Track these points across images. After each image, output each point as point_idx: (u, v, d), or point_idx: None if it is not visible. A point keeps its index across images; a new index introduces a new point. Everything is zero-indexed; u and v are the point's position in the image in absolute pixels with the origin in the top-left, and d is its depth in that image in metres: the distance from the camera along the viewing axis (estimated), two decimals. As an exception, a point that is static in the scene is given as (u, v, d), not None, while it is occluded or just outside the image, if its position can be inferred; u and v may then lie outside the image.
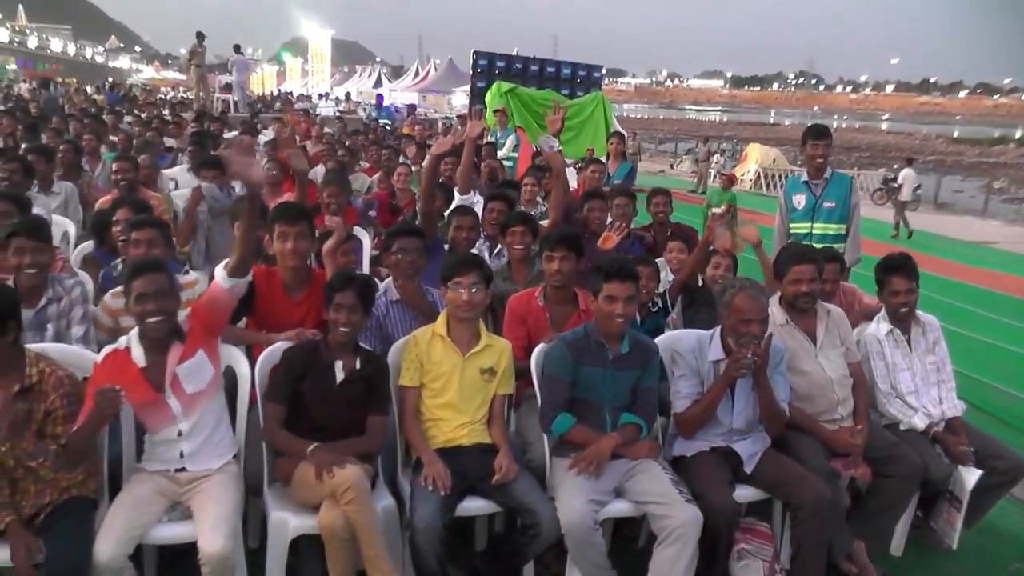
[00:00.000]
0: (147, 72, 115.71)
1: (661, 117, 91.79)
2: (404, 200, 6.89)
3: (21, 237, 3.52)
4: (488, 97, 17.47)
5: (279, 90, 42.05)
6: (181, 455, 3.18)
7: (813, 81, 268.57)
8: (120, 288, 3.73)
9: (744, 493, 3.60)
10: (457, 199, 5.65)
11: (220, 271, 3.13)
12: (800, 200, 5.82)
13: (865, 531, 3.89)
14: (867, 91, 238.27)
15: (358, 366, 3.34)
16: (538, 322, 3.98)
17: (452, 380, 3.49)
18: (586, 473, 3.30)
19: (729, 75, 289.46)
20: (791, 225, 5.87)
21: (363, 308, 3.37)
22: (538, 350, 3.70)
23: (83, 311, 3.64)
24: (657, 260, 4.99)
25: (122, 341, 3.16)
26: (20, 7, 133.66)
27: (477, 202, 5.68)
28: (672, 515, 3.23)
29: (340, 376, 3.30)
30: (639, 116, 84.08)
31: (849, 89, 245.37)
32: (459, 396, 3.49)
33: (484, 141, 11.01)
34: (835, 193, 5.71)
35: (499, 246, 5.09)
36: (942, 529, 4.09)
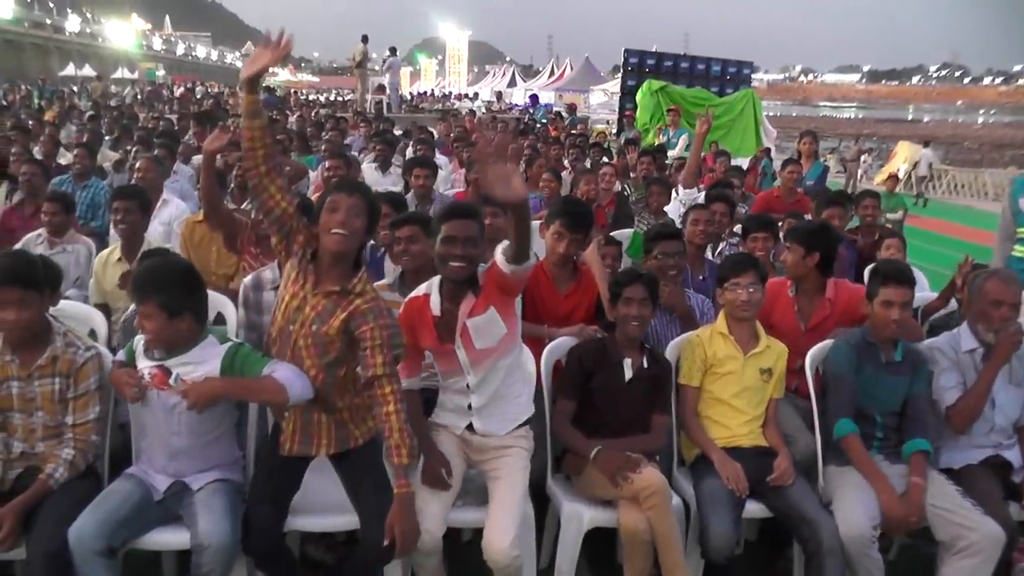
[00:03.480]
0: (283, 75, 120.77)
1: (794, 115, 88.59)
2: (606, 200, 6.93)
3: None
4: (639, 95, 17.37)
5: (428, 90, 42.75)
6: (469, 407, 3.19)
7: (957, 73, 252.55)
8: (385, 281, 3.91)
9: (1017, 509, 3.40)
10: (682, 195, 5.72)
11: (499, 255, 2.92)
12: (1029, 204, 5.49)
13: None
14: (1021, 82, 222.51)
15: (645, 364, 3.38)
16: (785, 312, 3.98)
17: (733, 379, 3.49)
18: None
19: (866, 69, 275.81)
20: (1019, 230, 5.55)
21: (652, 302, 3.41)
22: (815, 349, 3.67)
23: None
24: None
25: (421, 288, 3.20)
26: (167, 17, 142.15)
27: (698, 198, 5.68)
28: (970, 527, 3.12)
29: (629, 374, 3.35)
30: (771, 114, 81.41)
31: (999, 81, 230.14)
32: (739, 396, 3.50)
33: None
34: (1072, 194, 5.34)
35: (720, 246, 5.12)
36: None
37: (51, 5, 77.08)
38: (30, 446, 2.99)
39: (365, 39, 19.59)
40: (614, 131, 19.86)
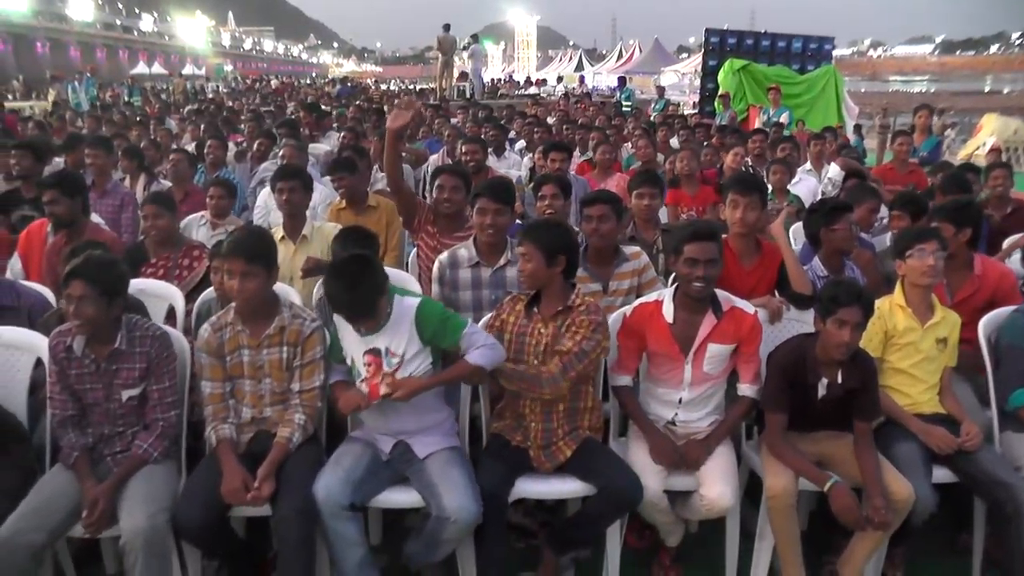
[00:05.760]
0: (348, 66, 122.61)
1: (863, 91, 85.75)
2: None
3: (485, 198, 3.84)
4: (721, 75, 17.23)
5: (495, 77, 42.77)
6: (676, 414, 3.43)
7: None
8: None
9: None
10: (833, 171, 5.91)
11: (748, 390, 3.43)
12: None
13: None
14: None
15: (840, 379, 3.24)
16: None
17: (912, 350, 3.53)
18: None
19: (939, 40, 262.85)
20: None
21: (864, 326, 3.18)
22: (988, 318, 3.69)
23: None
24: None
25: (652, 296, 3.47)
26: (230, 13, 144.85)
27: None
28: None
29: (821, 393, 3.28)
30: (838, 91, 78.67)
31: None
32: (918, 366, 3.53)
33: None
34: None
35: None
36: None
37: (120, 6, 79.27)
38: (259, 411, 3.20)
39: (447, 27, 19.76)
40: (684, 112, 19.69)
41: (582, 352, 3.11)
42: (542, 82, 36.10)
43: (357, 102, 17.38)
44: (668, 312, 3.35)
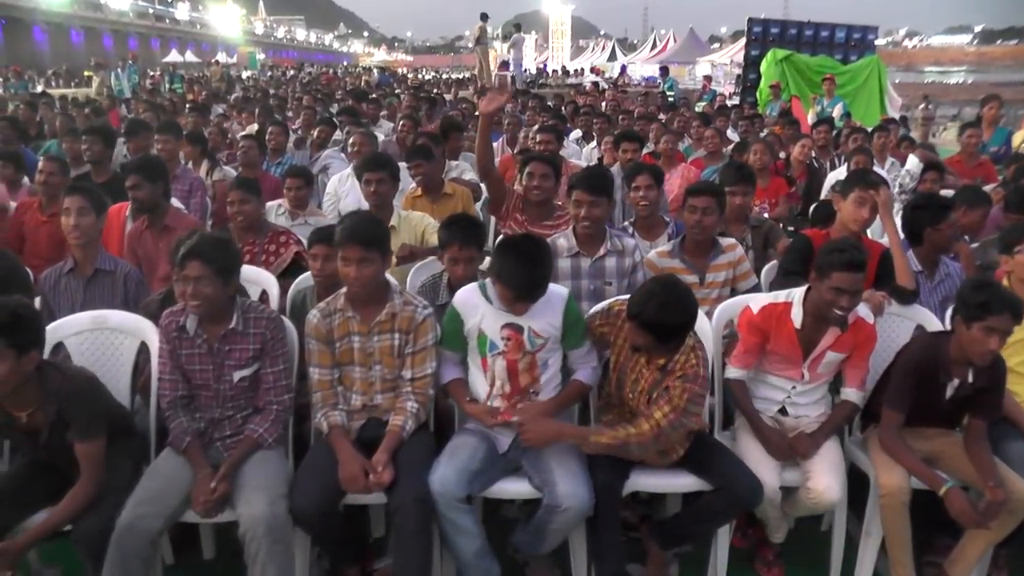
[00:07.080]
0: (379, 55, 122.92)
1: (897, 81, 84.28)
2: (798, 171, 6.91)
3: (579, 190, 3.79)
4: (764, 66, 17.03)
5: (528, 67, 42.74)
6: (788, 398, 3.42)
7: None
8: (665, 248, 4.04)
9: None
10: (911, 163, 5.77)
11: (853, 396, 3.41)
12: None
13: None
14: None
15: (971, 379, 3.16)
16: None
17: (1019, 347, 3.46)
18: None
19: (978, 29, 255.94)
20: None
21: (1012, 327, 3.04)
22: None
23: (643, 274, 3.85)
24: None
25: (782, 295, 3.40)
26: (260, 2, 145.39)
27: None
28: None
29: (950, 393, 3.22)
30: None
31: None
32: (1018, 362, 3.47)
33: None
34: None
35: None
36: None
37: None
38: (369, 398, 3.20)
39: (484, 17, 19.73)
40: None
41: (679, 422, 3.03)
42: (580, 72, 35.82)
43: (398, 91, 17.41)
44: (797, 317, 3.29)
